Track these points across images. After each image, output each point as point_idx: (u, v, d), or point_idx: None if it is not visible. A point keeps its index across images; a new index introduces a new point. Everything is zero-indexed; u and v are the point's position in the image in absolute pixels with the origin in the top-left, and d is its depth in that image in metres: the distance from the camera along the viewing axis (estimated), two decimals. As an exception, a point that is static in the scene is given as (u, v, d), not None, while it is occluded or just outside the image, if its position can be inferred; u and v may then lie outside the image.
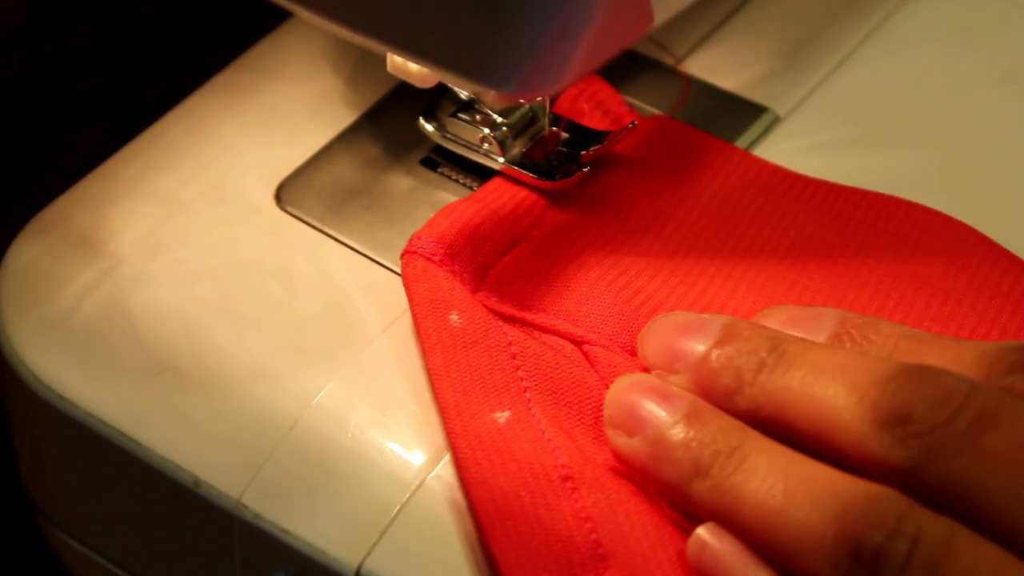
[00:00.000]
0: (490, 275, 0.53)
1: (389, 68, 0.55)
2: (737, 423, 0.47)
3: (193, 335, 0.52)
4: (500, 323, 0.51)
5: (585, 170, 0.55)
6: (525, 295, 0.53)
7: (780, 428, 0.46)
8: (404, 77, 0.55)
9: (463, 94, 0.55)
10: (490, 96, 0.54)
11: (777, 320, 0.49)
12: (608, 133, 0.56)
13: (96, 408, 0.52)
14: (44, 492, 0.57)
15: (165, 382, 0.51)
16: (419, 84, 0.55)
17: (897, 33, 0.63)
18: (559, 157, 0.55)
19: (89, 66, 0.68)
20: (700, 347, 0.48)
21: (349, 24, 0.44)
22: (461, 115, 0.56)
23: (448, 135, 0.56)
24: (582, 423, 0.49)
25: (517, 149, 0.55)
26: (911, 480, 0.43)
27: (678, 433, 0.47)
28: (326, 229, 0.55)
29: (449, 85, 0.55)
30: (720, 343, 0.48)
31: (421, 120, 0.57)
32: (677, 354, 0.48)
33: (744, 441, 0.46)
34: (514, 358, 0.50)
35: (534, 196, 0.55)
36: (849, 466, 0.44)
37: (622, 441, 0.48)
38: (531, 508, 0.47)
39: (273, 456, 0.49)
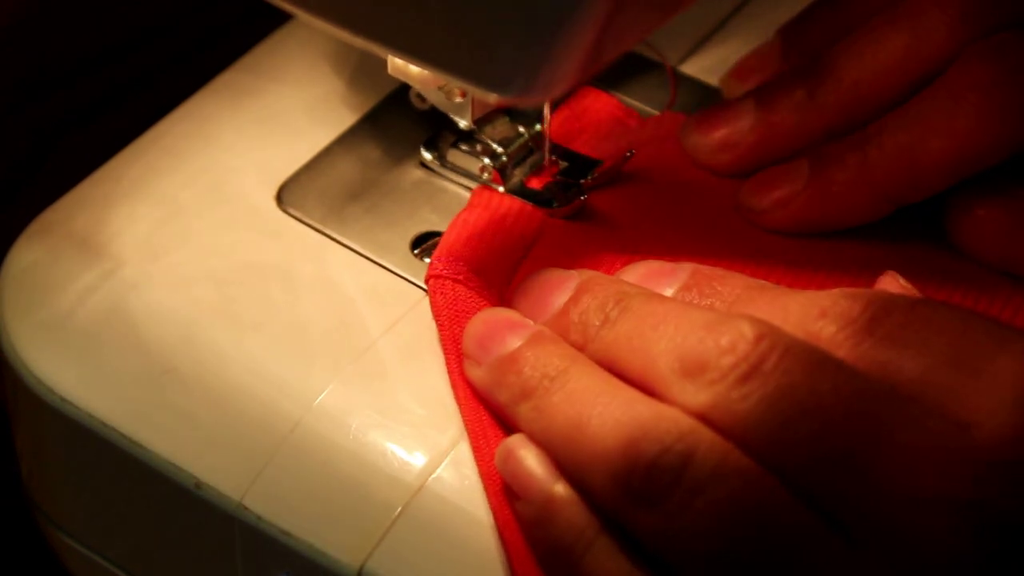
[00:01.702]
0: (515, 281, 0.53)
1: (390, 70, 0.55)
2: (571, 351, 0.47)
3: (194, 337, 0.52)
4: None
5: (583, 198, 0.55)
6: None
7: (619, 379, 0.46)
8: (405, 79, 0.55)
9: (462, 123, 0.56)
10: (492, 99, 0.54)
11: (636, 274, 0.50)
12: (601, 162, 0.56)
13: (97, 410, 0.52)
14: (45, 493, 0.57)
15: (166, 384, 0.51)
16: (420, 86, 0.56)
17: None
18: (558, 185, 0.56)
19: (89, 67, 0.68)
20: (558, 302, 0.49)
21: (350, 27, 0.44)
22: (461, 145, 0.57)
23: (448, 165, 0.57)
24: None
25: (517, 178, 0.56)
26: (711, 424, 0.44)
27: (514, 358, 0.48)
28: (327, 231, 0.55)
29: (450, 116, 0.56)
30: (574, 299, 0.49)
31: (422, 150, 0.57)
32: (539, 309, 0.50)
33: (571, 366, 0.47)
34: None
35: None
36: None
37: (473, 371, 0.49)
38: None
39: (274, 458, 0.49)
